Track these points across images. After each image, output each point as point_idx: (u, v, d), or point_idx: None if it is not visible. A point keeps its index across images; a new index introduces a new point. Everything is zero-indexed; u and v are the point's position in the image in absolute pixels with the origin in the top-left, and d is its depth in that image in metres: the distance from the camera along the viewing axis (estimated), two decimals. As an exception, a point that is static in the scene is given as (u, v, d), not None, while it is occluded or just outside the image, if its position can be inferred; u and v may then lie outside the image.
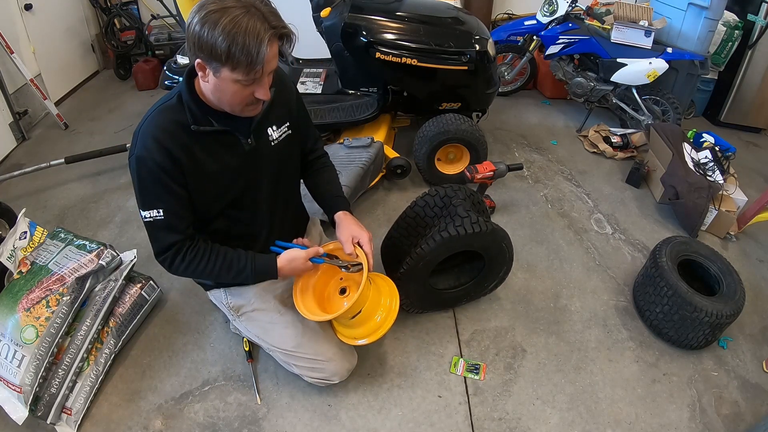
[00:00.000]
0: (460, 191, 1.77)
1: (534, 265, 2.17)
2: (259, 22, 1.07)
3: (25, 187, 2.66)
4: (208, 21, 1.05)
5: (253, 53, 1.07)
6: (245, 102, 1.20)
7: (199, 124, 1.23)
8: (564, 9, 3.05)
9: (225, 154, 1.30)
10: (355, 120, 2.52)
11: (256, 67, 1.10)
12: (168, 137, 1.20)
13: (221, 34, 1.04)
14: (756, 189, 2.74)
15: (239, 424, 1.54)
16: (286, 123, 1.43)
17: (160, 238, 1.29)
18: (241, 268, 1.36)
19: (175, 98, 1.25)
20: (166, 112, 1.24)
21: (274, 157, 1.41)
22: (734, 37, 3.20)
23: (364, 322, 1.47)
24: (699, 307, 1.67)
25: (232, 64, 1.09)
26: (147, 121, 1.23)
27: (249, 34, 1.05)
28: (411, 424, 1.54)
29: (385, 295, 1.51)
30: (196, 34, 1.07)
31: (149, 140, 1.20)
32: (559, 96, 3.72)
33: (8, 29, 2.98)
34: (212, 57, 1.08)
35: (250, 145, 1.33)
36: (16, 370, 1.45)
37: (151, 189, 1.24)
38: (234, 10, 1.05)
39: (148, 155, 1.20)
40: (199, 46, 1.08)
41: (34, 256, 1.68)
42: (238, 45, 1.05)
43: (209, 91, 1.20)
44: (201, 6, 1.07)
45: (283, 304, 1.54)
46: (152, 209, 1.25)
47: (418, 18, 2.41)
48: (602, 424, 1.56)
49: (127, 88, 3.96)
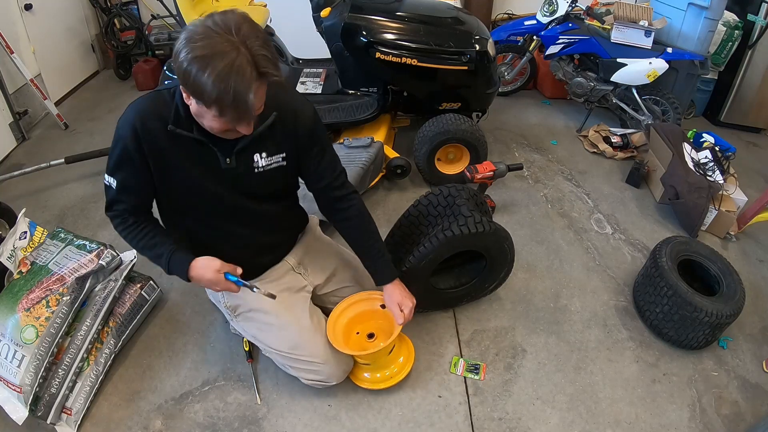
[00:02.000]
0: (464, 191, 1.78)
1: (534, 265, 2.17)
2: (249, 68, 1.02)
3: (25, 187, 2.66)
4: (196, 61, 1.00)
5: (242, 108, 1.05)
6: (226, 133, 1.19)
7: (177, 126, 1.21)
8: (564, 9, 3.05)
9: (198, 163, 1.28)
10: (355, 120, 2.52)
11: (246, 113, 1.09)
12: (144, 129, 1.21)
13: (209, 79, 1.00)
14: (756, 189, 2.74)
15: (239, 424, 1.54)
16: (282, 154, 1.35)
17: (108, 200, 1.35)
18: (158, 254, 1.34)
19: (172, 90, 1.24)
20: (157, 100, 1.24)
21: (255, 182, 1.35)
22: (734, 37, 3.20)
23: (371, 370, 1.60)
24: (699, 307, 1.67)
25: (220, 110, 1.07)
26: (140, 99, 1.26)
27: (238, 84, 1.01)
28: (411, 424, 1.54)
29: (404, 354, 1.65)
30: (183, 70, 1.02)
31: (128, 124, 1.22)
32: (559, 96, 3.72)
33: (8, 29, 2.98)
34: (199, 98, 1.06)
35: (228, 165, 1.29)
36: (16, 370, 1.45)
37: (115, 158, 1.27)
38: (218, 58, 0.99)
39: (123, 134, 1.23)
40: (185, 83, 1.05)
41: (34, 256, 1.68)
42: (228, 97, 1.02)
43: (192, 111, 1.16)
44: (189, 38, 1.02)
45: (280, 306, 1.52)
46: (111, 176, 1.30)
47: (418, 18, 2.41)
48: (602, 424, 1.56)
49: (127, 88, 3.96)
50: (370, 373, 1.61)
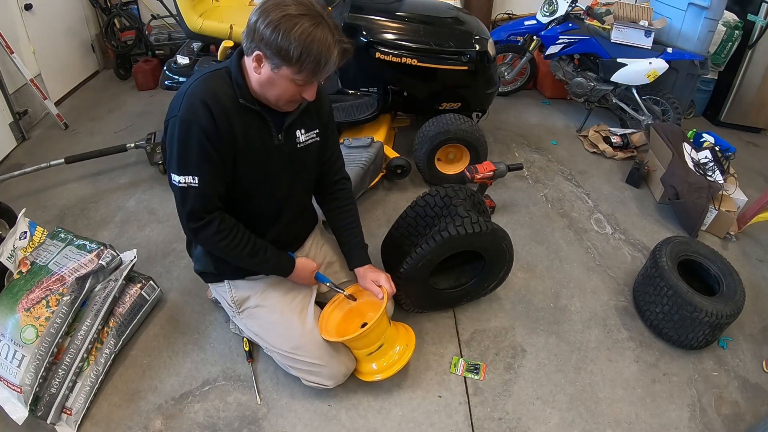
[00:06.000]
0: (461, 191, 1.77)
1: (534, 265, 2.17)
2: (330, 36, 1.13)
3: (25, 187, 2.66)
4: (281, 26, 1.10)
5: (322, 63, 1.15)
6: (291, 99, 1.24)
7: (246, 100, 1.25)
8: (564, 9, 3.05)
9: (257, 139, 1.31)
10: (355, 120, 2.52)
11: (321, 75, 1.18)
12: (216, 103, 1.20)
13: (296, 41, 1.10)
14: (756, 189, 2.74)
15: (239, 424, 1.54)
16: (315, 130, 1.45)
17: (191, 205, 1.26)
18: (265, 259, 1.40)
19: (223, 71, 1.26)
20: (215, 79, 1.24)
21: (296, 158, 1.42)
22: (734, 37, 3.20)
23: (376, 358, 1.57)
24: (699, 307, 1.67)
25: (299, 67, 1.15)
26: (195, 83, 1.22)
27: (322, 45, 1.12)
28: (411, 424, 1.54)
29: (401, 340, 1.61)
30: (264, 35, 1.12)
31: (197, 103, 1.18)
32: (559, 96, 3.72)
33: (8, 29, 2.98)
34: (279, 56, 1.13)
35: (279, 141, 1.35)
36: (16, 370, 1.45)
37: (191, 155, 1.21)
38: (305, 19, 1.11)
39: (194, 119, 1.18)
40: (266, 44, 1.13)
41: (34, 256, 1.68)
42: (311, 54, 1.12)
43: (257, 81, 1.22)
44: (267, 10, 1.11)
45: (285, 305, 1.54)
46: (188, 175, 1.22)
47: (418, 18, 2.41)
48: (602, 424, 1.56)
49: (127, 88, 3.96)
50: (377, 363, 1.58)
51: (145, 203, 2.50)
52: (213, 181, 1.25)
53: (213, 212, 1.29)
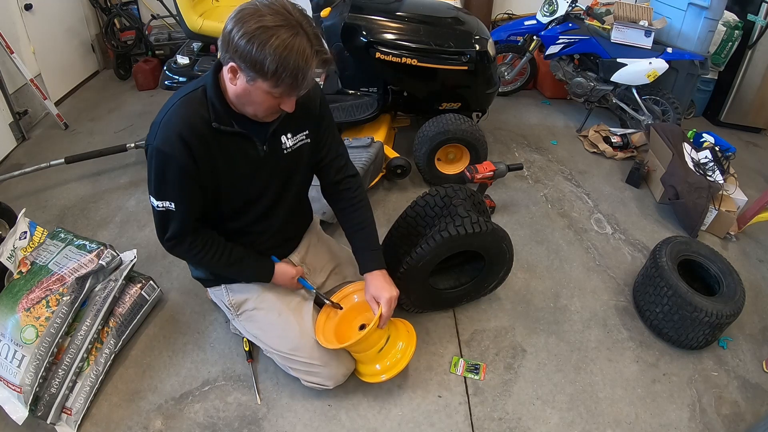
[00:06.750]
0: (461, 191, 1.77)
1: (534, 265, 2.17)
2: (308, 47, 1.07)
3: (25, 187, 2.66)
4: (255, 38, 1.04)
5: (299, 77, 1.09)
6: (269, 111, 1.21)
7: (221, 123, 1.22)
8: (564, 9, 3.05)
9: (240, 157, 1.30)
10: (355, 120, 2.52)
11: (299, 89, 1.13)
12: (193, 134, 1.19)
13: (271, 54, 1.04)
14: (756, 189, 2.74)
15: (239, 424, 1.54)
16: (305, 131, 1.40)
17: (167, 226, 1.31)
18: (243, 268, 1.43)
19: (200, 91, 1.23)
20: (191, 104, 1.21)
21: (285, 164, 1.39)
22: (734, 37, 3.20)
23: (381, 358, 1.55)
24: (699, 307, 1.67)
25: (276, 81, 1.09)
26: (171, 111, 1.21)
27: (299, 57, 1.06)
28: (411, 424, 1.54)
29: (402, 337, 1.58)
30: (239, 47, 1.06)
31: (173, 136, 1.17)
32: (559, 96, 3.72)
33: (8, 29, 2.98)
34: (254, 70, 1.08)
35: (264, 151, 1.32)
36: (16, 370, 1.45)
37: (167, 183, 1.23)
38: (282, 30, 1.04)
39: (171, 153, 1.18)
40: (240, 56, 1.07)
41: (34, 256, 1.68)
42: (288, 68, 1.06)
43: (234, 93, 1.18)
44: (242, 19, 1.05)
45: (283, 307, 1.54)
46: (165, 200, 1.25)
47: (418, 18, 2.41)
48: (602, 424, 1.56)
49: (127, 88, 3.96)
50: (380, 364, 1.56)
51: (145, 203, 2.50)
52: (191, 208, 1.29)
53: (185, 233, 1.32)
